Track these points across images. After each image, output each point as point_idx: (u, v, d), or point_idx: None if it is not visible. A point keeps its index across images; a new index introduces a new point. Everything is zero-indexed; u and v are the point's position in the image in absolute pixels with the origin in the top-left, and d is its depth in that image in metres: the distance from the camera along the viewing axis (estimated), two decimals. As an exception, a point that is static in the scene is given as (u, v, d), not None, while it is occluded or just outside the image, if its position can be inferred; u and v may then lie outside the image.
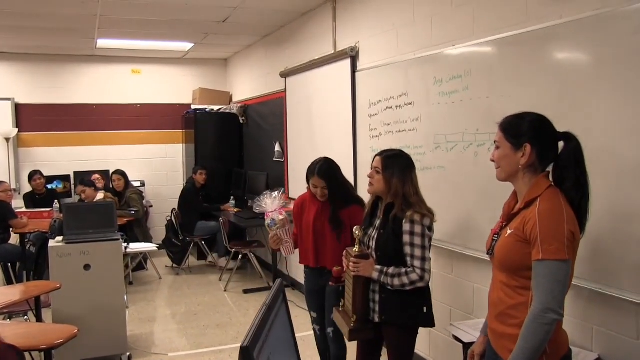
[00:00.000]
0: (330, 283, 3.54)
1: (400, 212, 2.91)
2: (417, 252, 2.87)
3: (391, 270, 2.90)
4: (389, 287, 2.90)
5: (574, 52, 2.87)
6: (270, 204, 3.66)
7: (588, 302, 2.85)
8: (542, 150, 2.12)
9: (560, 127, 2.16)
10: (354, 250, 2.99)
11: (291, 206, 3.95)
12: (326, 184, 3.59)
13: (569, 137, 2.13)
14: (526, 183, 2.14)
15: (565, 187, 2.09)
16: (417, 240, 2.87)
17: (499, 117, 2.25)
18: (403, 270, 2.88)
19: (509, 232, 2.14)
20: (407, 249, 2.89)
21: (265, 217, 3.69)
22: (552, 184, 2.12)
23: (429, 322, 3.03)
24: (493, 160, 2.25)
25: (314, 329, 3.91)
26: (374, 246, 3.01)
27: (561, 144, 2.14)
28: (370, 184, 3.05)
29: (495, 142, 2.24)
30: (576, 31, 2.81)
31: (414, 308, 2.97)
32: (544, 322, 1.95)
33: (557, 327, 2.01)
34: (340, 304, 3.20)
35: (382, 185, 2.98)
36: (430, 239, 2.93)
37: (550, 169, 2.16)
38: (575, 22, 2.80)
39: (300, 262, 3.87)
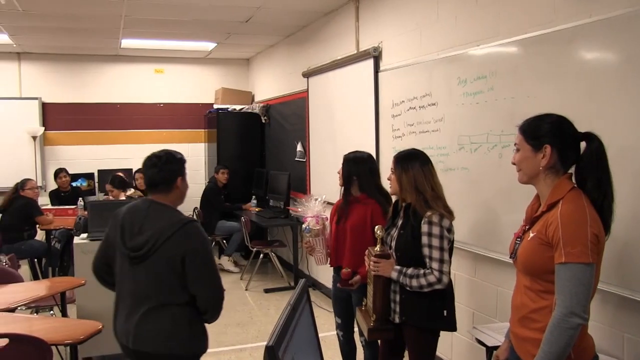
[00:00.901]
0: (338, 285, 3.55)
1: (420, 209, 2.90)
2: (435, 253, 2.85)
3: (410, 271, 2.88)
4: (408, 288, 2.89)
5: (602, 52, 2.82)
6: (310, 208, 3.65)
7: (617, 308, 2.79)
8: (562, 151, 2.09)
9: (588, 128, 2.12)
10: (375, 249, 2.98)
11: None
12: (342, 164, 3.60)
13: (590, 138, 2.09)
14: (548, 185, 2.11)
15: (587, 189, 2.06)
16: (435, 242, 2.85)
17: (524, 118, 2.22)
18: (421, 271, 2.87)
19: (531, 235, 2.11)
20: (426, 251, 2.88)
21: (303, 221, 3.68)
22: (575, 185, 2.09)
23: (450, 326, 3.00)
24: (514, 164, 2.22)
25: (337, 334, 3.88)
26: (394, 246, 3.01)
27: (583, 145, 2.11)
28: (390, 185, 3.08)
29: (515, 144, 2.21)
30: (606, 30, 2.76)
31: (433, 310, 2.94)
32: (567, 327, 1.92)
33: (582, 332, 1.98)
34: (363, 303, 3.19)
35: (396, 185, 3.01)
36: (449, 241, 2.90)
37: (572, 170, 2.13)
38: (605, 21, 2.74)
39: (330, 265, 3.83)
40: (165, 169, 2.79)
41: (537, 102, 3.12)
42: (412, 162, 2.98)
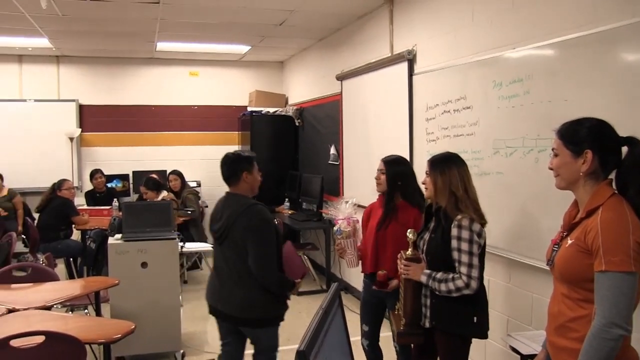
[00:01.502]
0: (374, 287, 3.52)
1: (451, 212, 2.87)
2: (464, 258, 2.81)
3: (439, 275, 2.85)
4: (437, 293, 2.86)
5: (644, 55, 2.74)
6: (342, 210, 3.64)
7: None
8: (603, 156, 2.02)
9: (629, 133, 2.06)
10: (407, 253, 2.97)
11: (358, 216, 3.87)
12: (385, 168, 3.57)
13: (633, 142, 2.02)
14: (587, 191, 2.05)
15: (629, 195, 1.98)
16: (465, 246, 2.81)
17: (561, 123, 2.17)
18: (450, 275, 2.83)
19: (569, 242, 2.06)
20: (455, 255, 2.84)
21: (335, 223, 3.67)
22: (615, 191, 2.02)
23: (480, 333, 2.95)
24: (551, 169, 2.16)
25: (362, 343, 3.82)
26: (425, 249, 2.99)
27: (625, 150, 2.05)
28: (426, 188, 3.05)
29: (553, 149, 2.15)
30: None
31: (463, 316, 2.89)
32: (607, 337, 1.85)
33: (625, 344, 1.91)
34: (397, 306, 3.16)
35: (432, 188, 2.98)
36: (479, 246, 2.85)
37: (612, 176, 2.06)
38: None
39: (361, 271, 3.80)
40: (232, 166, 3.48)
41: (574, 106, 3.06)
42: (448, 164, 2.96)
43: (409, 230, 2.98)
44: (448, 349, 2.96)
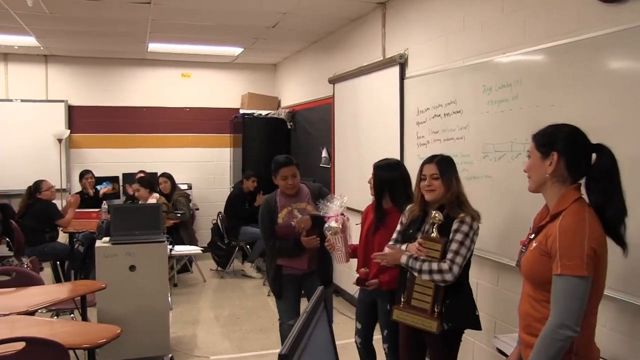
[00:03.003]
0: (353, 283, 3.59)
1: (452, 212, 2.95)
2: (454, 245, 2.88)
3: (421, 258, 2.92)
4: (415, 273, 2.90)
5: (629, 62, 2.76)
6: (332, 208, 3.64)
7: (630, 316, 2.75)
8: (571, 160, 2.08)
9: (612, 139, 2.10)
10: (432, 235, 2.96)
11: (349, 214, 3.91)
12: (373, 173, 3.62)
13: (601, 149, 2.08)
14: (555, 194, 2.12)
15: (595, 202, 2.05)
16: (459, 237, 2.89)
17: (543, 128, 2.21)
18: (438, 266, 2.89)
19: (534, 245, 2.13)
20: (451, 245, 2.91)
21: (326, 220, 3.67)
22: (582, 196, 2.08)
23: (479, 325, 3.05)
24: (525, 171, 2.24)
25: (355, 341, 3.85)
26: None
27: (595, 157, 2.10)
28: (431, 190, 3.03)
29: (528, 152, 2.23)
30: (633, 39, 2.70)
31: (467, 309, 3.01)
32: (557, 338, 1.94)
33: (588, 341, 2.02)
34: (403, 299, 3.06)
35: (443, 190, 3.00)
36: (472, 242, 2.94)
37: (583, 181, 2.12)
38: (632, 29, 2.69)
39: (356, 270, 3.83)
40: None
41: (561, 111, 3.07)
42: (453, 166, 3.08)
43: (435, 212, 2.96)
44: (444, 344, 3.00)
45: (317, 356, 1.46)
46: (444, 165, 3.05)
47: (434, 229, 2.94)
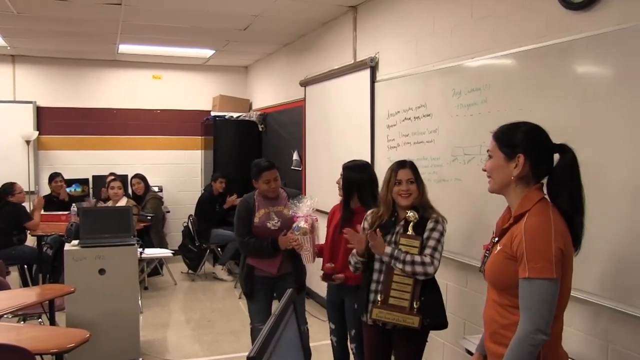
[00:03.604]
0: (320, 278, 3.67)
1: (426, 212, 3.06)
2: (432, 242, 3.00)
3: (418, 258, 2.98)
4: (399, 265, 2.93)
5: (594, 67, 2.83)
6: (302, 208, 3.68)
7: (606, 320, 2.79)
8: (535, 161, 2.03)
9: (577, 141, 2.12)
10: (408, 232, 3.02)
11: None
12: (342, 173, 3.68)
13: (564, 149, 2.04)
14: (518, 195, 2.06)
15: (558, 201, 2.01)
16: (436, 235, 3.01)
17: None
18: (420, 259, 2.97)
19: (498, 248, 2.07)
20: (428, 242, 3.00)
21: (295, 220, 3.71)
22: (545, 197, 2.04)
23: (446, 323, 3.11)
24: (485, 170, 2.17)
25: (331, 340, 3.88)
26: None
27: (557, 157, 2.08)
28: (409, 195, 3.08)
29: (488, 151, 2.16)
30: (597, 46, 2.77)
31: (441, 307, 3.08)
32: (531, 343, 1.89)
33: (555, 344, 1.99)
34: (379, 298, 3.05)
35: (418, 194, 3.09)
36: (443, 242, 3.06)
37: (545, 181, 2.09)
38: (597, 36, 2.76)
39: (321, 269, 3.86)
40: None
41: (529, 114, 3.09)
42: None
43: (410, 212, 3.03)
44: (412, 343, 3.06)
45: (285, 358, 1.46)
46: (415, 169, 3.13)
47: (410, 228, 3.00)
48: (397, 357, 3.12)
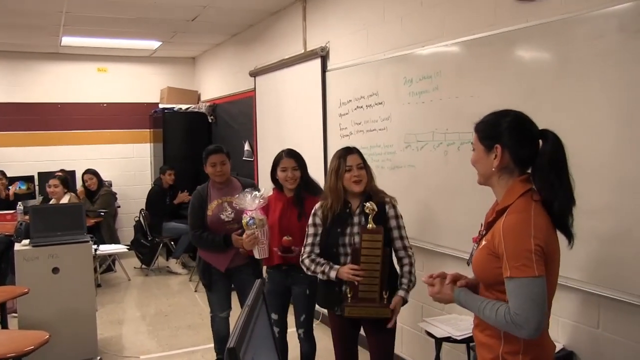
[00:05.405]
0: (279, 252, 3.56)
1: (377, 197, 3.04)
2: (404, 232, 3.10)
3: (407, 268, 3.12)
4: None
5: (539, 54, 2.94)
6: (250, 202, 3.56)
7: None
8: (515, 151, 1.96)
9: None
10: (368, 226, 2.92)
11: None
12: (297, 164, 3.64)
13: (546, 136, 1.96)
14: (502, 187, 2.01)
15: (541, 192, 1.94)
16: (402, 222, 3.09)
17: (468, 117, 2.22)
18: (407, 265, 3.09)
19: (483, 243, 2.03)
20: (396, 233, 3.06)
21: (244, 215, 3.58)
22: (531, 188, 1.97)
23: None
24: (472, 164, 2.12)
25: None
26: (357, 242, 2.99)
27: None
28: (359, 181, 3.04)
29: (472, 144, 2.12)
30: (542, 34, 2.88)
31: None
32: (512, 329, 1.87)
33: (543, 336, 1.94)
34: (349, 294, 2.99)
35: (367, 178, 3.08)
36: None
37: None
38: (541, 25, 2.87)
39: (264, 264, 3.85)
40: None
41: (480, 101, 3.22)
42: None
43: (369, 202, 2.92)
44: (388, 331, 3.08)
45: (260, 348, 1.49)
46: (361, 154, 3.13)
47: (370, 220, 2.90)
48: (371, 345, 3.12)
